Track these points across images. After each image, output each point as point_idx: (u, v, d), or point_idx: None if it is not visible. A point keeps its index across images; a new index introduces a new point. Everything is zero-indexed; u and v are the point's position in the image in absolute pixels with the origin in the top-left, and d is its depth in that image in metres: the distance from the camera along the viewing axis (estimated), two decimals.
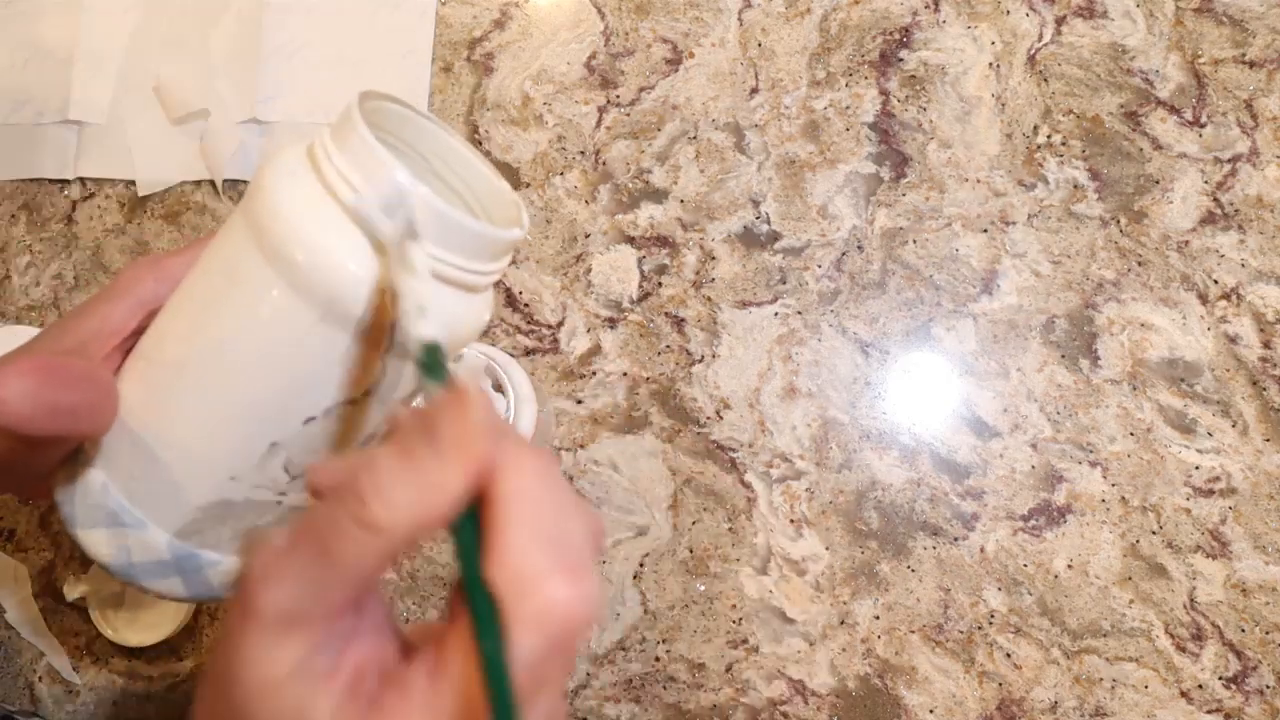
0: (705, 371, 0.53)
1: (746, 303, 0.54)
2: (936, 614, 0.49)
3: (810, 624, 0.50)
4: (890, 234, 0.54)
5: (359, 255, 0.22)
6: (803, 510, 0.51)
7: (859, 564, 0.50)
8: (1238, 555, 0.49)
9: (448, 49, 0.59)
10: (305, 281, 0.22)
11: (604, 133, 0.57)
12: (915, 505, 0.51)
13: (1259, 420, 0.50)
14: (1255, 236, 0.52)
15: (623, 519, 0.52)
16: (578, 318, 0.55)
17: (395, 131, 0.27)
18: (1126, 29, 0.55)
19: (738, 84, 0.57)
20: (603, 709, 0.50)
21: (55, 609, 0.53)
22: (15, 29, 0.63)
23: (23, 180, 0.61)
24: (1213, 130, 0.53)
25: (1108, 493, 0.50)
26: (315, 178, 0.23)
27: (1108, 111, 0.54)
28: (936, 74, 0.56)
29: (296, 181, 0.23)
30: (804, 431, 0.52)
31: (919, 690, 0.49)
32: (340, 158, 0.23)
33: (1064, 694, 0.48)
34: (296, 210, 0.23)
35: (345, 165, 0.22)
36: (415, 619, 0.53)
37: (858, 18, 0.57)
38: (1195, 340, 0.51)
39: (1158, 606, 0.49)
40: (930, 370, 0.52)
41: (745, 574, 0.51)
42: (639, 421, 0.53)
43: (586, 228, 0.56)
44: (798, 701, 0.49)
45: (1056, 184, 0.54)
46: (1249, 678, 0.47)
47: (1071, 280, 0.53)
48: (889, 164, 0.55)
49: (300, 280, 0.22)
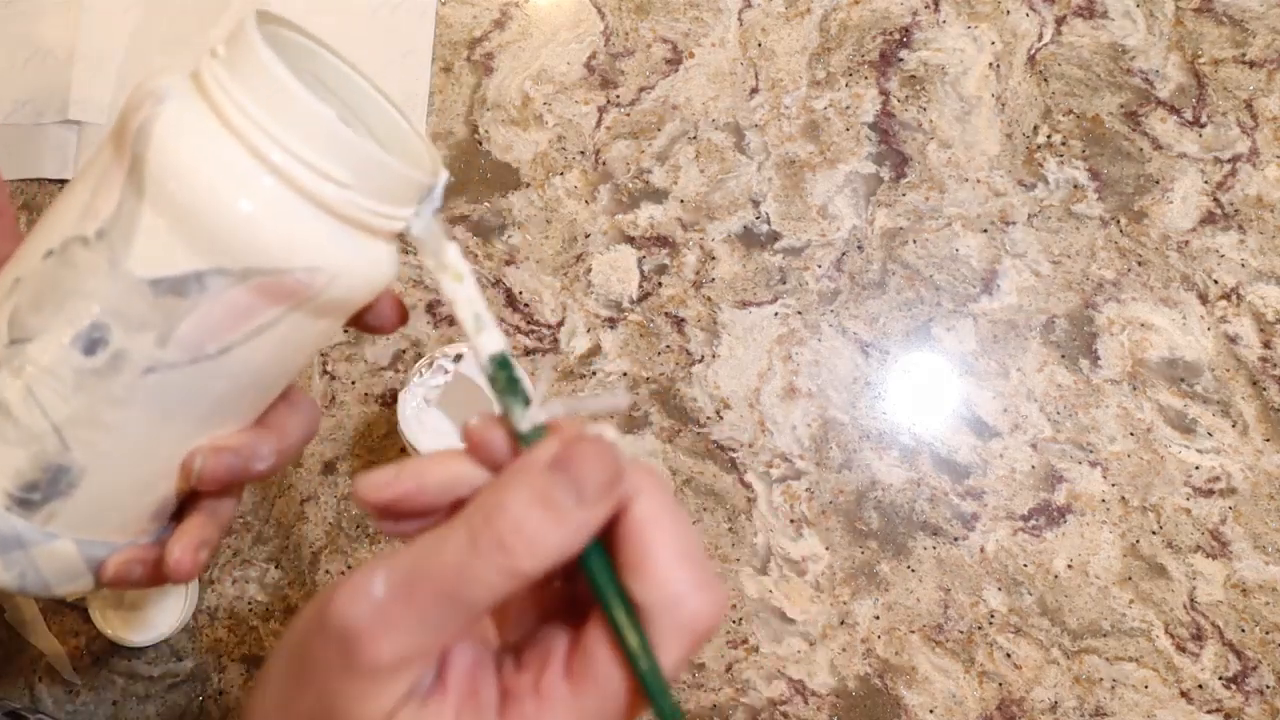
0: (705, 371, 0.53)
1: (746, 303, 0.54)
2: (936, 614, 0.49)
3: (810, 624, 0.50)
4: (890, 234, 0.54)
5: (279, 206, 0.22)
6: (803, 510, 0.51)
7: (859, 564, 0.50)
8: (1238, 555, 0.49)
9: (448, 49, 0.59)
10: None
11: (604, 133, 0.57)
12: (915, 505, 0.51)
13: (1259, 420, 0.50)
14: (1255, 236, 0.52)
15: None
16: (578, 318, 0.55)
17: (298, 61, 0.24)
18: (1126, 29, 0.55)
19: (738, 84, 0.57)
20: None
21: (55, 609, 0.53)
22: (15, 29, 0.63)
23: (23, 180, 0.61)
24: (1213, 130, 0.53)
25: (1108, 493, 0.50)
26: (216, 121, 0.22)
27: (1108, 111, 0.54)
28: (936, 74, 0.56)
29: (200, 140, 0.22)
30: (804, 431, 0.52)
31: (919, 690, 0.49)
32: (246, 97, 0.21)
33: (1064, 694, 0.48)
34: (211, 185, 0.21)
35: (256, 109, 0.21)
36: None
37: (858, 18, 0.57)
38: (1195, 340, 0.51)
39: (1158, 606, 0.49)
40: (930, 370, 0.52)
41: (745, 574, 0.51)
42: (639, 421, 0.53)
43: (586, 228, 0.56)
44: (798, 701, 0.49)
45: (1056, 184, 0.54)
46: (1249, 678, 0.47)
47: (1071, 280, 0.53)
48: (889, 164, 0.55)
49: None
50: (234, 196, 0.21)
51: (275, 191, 0.22)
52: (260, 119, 0.21)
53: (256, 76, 0.21)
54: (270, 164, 0.21)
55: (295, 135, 0.21)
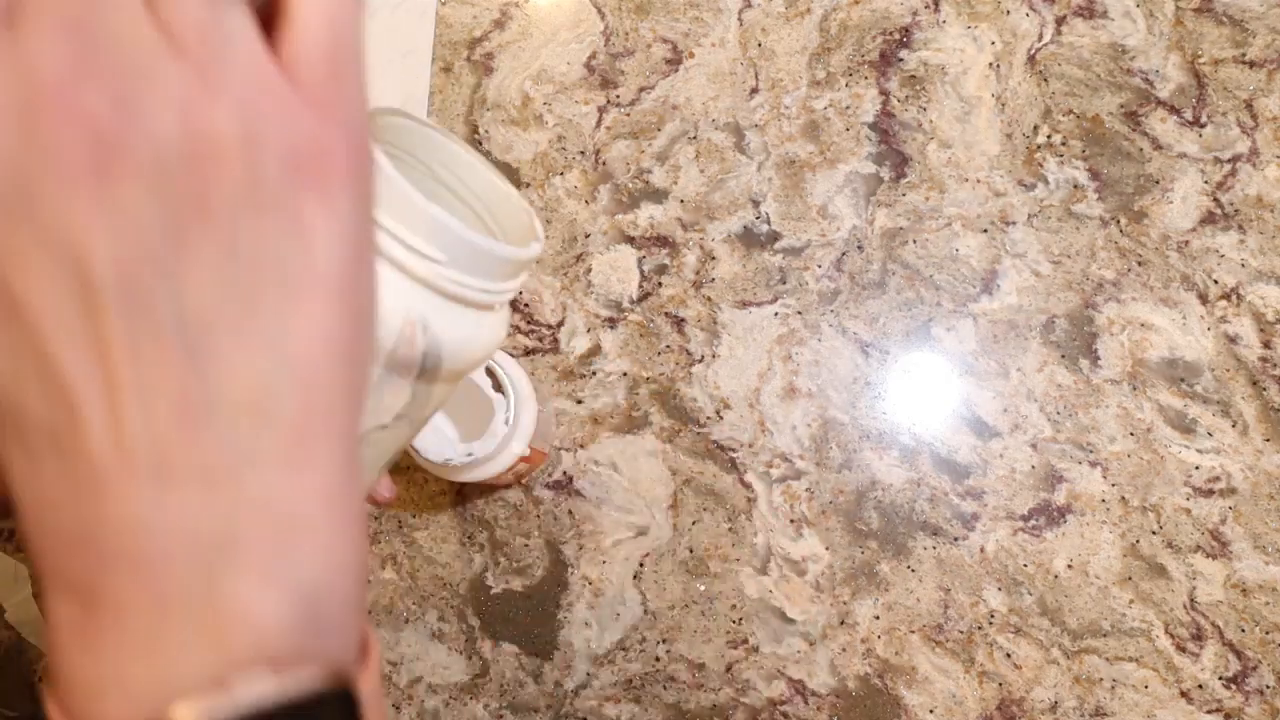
0: (705, 371, 0.53)
1: (746, 303, 0.54)
2: (936, 614, 0.49)
3: (810, 624, 0.50)
4: (890, 234, 0.54)
5: (389, 289, 0.23)
6: (803, 510, 0.51)
7: (859, 564, 0.50)
8: (1238, 555, 0.49)
9: (448, 49, 0.59)
10: None
11: (604, 133, 0.57)
12: (915, 505, 0.51)
13: (1259, 420, 0.50)
14: (1255, 236, 0.52)
15: (623, 519, 0.52)
16: (578, 318, 0.55)
17: (398, 143, 0.27)
18: (1126, 29, 0.55)
19: (738, 84, 0.57)
20: (603, 709, 0.50)
21: None
22: None
23: None
24: (1213, 130, 0.53)
25: (1108, 493, 0.50)
26: None
27: (1108, 111, 0.54)
28: (936, 74, 0.56)
29: None
30: (804, 431, 0.52)
31: (919, 690, 0.49)
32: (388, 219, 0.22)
33: (1064, 694, 0.48)
34: None
35: None
36: (415, 619, 0.53)
37: (858, 18, 0.57)
38: (1195, 340, 0.51)
39: (1158, 606, 0.49)
40: (930, 370, 0.52)
41: (745, 574, 0.51)
42: (639, 421, 0.53)
43: (586, 228, 0.56)
44: (798, 701, 0.49)
45: (1056, 184, 0.54)
46: (1249, 678, 0.47)
47: (1071, 280, 0.53)
48: (889, 164, 0.55)
49: None
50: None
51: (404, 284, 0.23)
52: (384, 222, 0.23)
53: (392, 197, 0.23)
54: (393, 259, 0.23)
55: (413, 232, 0.23)
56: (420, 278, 0.23)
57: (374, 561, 0.53)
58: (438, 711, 0.52)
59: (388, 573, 0.53)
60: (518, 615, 0.52)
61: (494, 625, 0.52)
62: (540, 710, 0.51)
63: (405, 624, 0.53)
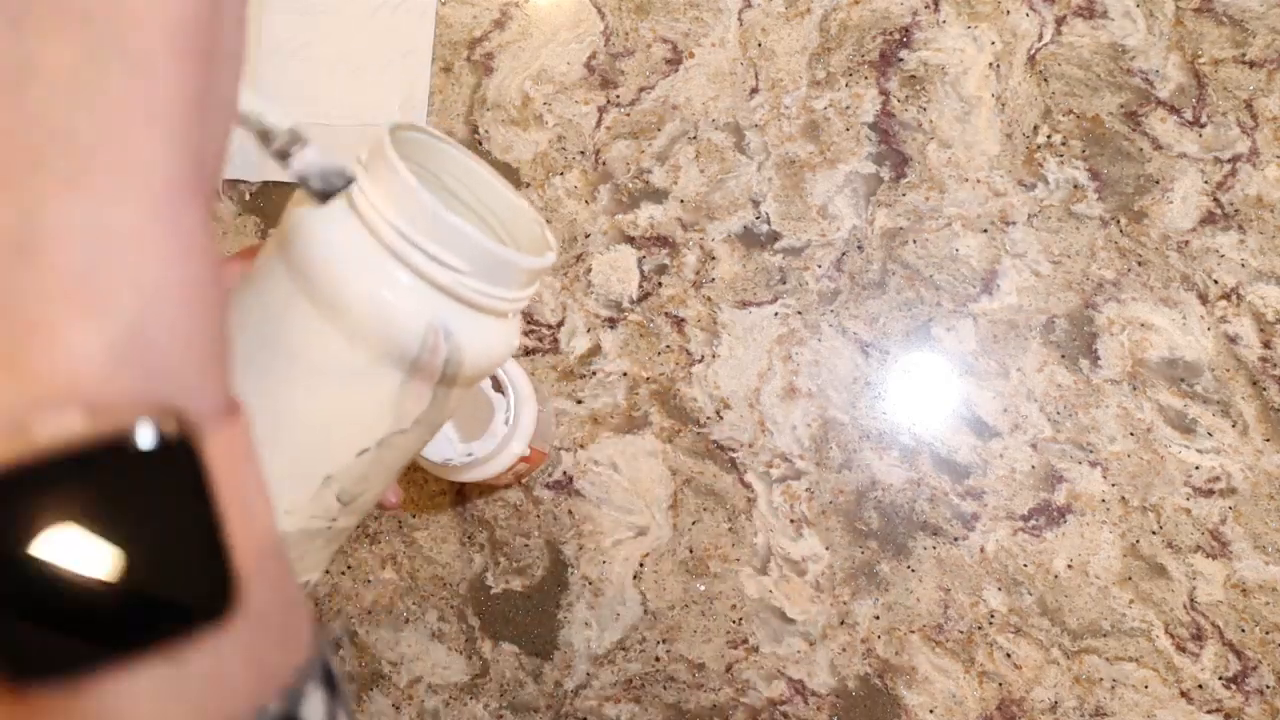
0: (705, 371, 0.53)
1: (746, 303, 0.54)
2: (936, 614, 0.49)
3: (810, 624, 0.50)
4: (890, 234, 0.54)
5: (411, 298, 0.23)
6: (803, 510, 0.51)
7: (859, 564, 0.50)
8: (1238, 555, 0.49)
9: (448, 49, 0.59)
10: (361, 330, 0.23)
11: (604, 133, 0.57)
12: (915, 505, 0.51)
13: (1259, 420, 0.50)
14: (1255, 236, 0.52)
15: (623, 519, 0.52)
16: (578, 318, 0.55)
17: (414, 157, 0.27)
18: (1126, 29, 0.55)
19: (738, 84, 0.57)
20: (603, 709, 0.50)
21: None
22: None
23: None
24: (1213, 130, 0.53)
25: (1108, 493, 0.50)
26: (357, 222, 0.23)
27: (1108, 111, 0.54)
28: (936, 74, 0.56)
29: (338, 227, 0.23)
30: (804, 431, 0.52)
31: (919, 690, 0.49)
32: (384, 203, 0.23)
33: (1064, 694, 0.48)
34: (343, 258, 0.23)
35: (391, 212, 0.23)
36: (415, 619, 0.53)
37: (858, 18, 0.57)
38: (1195, 340, 0.51)
39: (1158, 606, 0.49)
40: (930, 370, 0.52)
41: (745, 574, 0.51)
42: (639, 421, 0.53)
43: (586, 228, 0.56)
44: (798, 701, 0.49)
45: (1056, 184, 0.54)
46: (1249, 678, 0.47)
47: (1071, 280, 0.53)
48: (889, 164, 0.55)
49: (356, 329, 0.23)
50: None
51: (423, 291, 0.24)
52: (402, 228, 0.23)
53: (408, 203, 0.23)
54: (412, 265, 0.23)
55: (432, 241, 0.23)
56: (443, 286, 0.23)
57: (374, 561, 0.53)
58: (438, 711, 0.52)
59: (388, 573, 0.53)
60: (518, 615, 0.52)
61: (494, 625, 0.52)
62: (540, 710, 0.51)
63: (405, 624, 0.53)
